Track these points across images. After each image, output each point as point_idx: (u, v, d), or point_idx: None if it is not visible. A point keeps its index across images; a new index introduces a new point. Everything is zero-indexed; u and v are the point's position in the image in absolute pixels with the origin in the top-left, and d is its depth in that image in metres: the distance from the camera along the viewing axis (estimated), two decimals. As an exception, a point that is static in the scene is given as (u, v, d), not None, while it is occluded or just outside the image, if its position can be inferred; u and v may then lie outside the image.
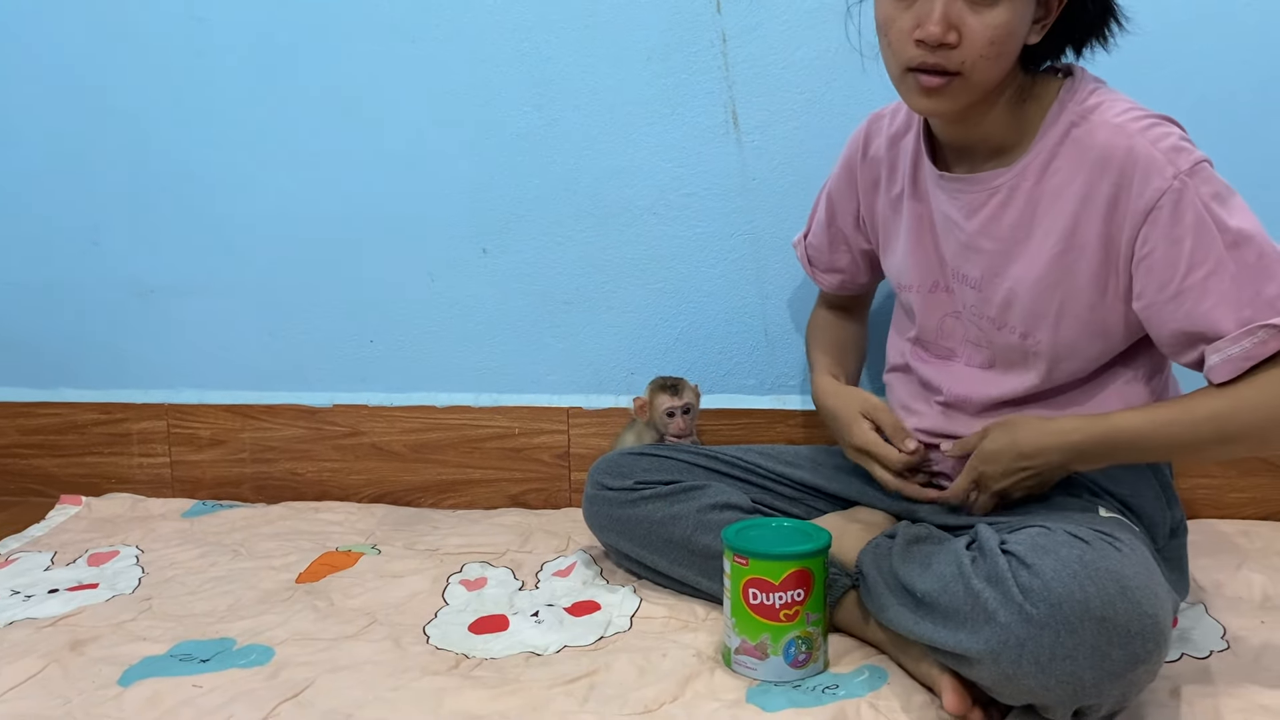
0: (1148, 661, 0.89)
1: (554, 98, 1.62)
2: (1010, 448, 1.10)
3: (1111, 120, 1.04)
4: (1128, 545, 0.97)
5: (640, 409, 1.52)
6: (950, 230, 1.17)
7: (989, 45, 1.01)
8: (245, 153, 1.70)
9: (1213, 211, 0.99)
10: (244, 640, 1.22)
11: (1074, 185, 1.05)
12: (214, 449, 1.79)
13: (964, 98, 1.05)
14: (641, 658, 1.14)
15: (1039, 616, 0.89)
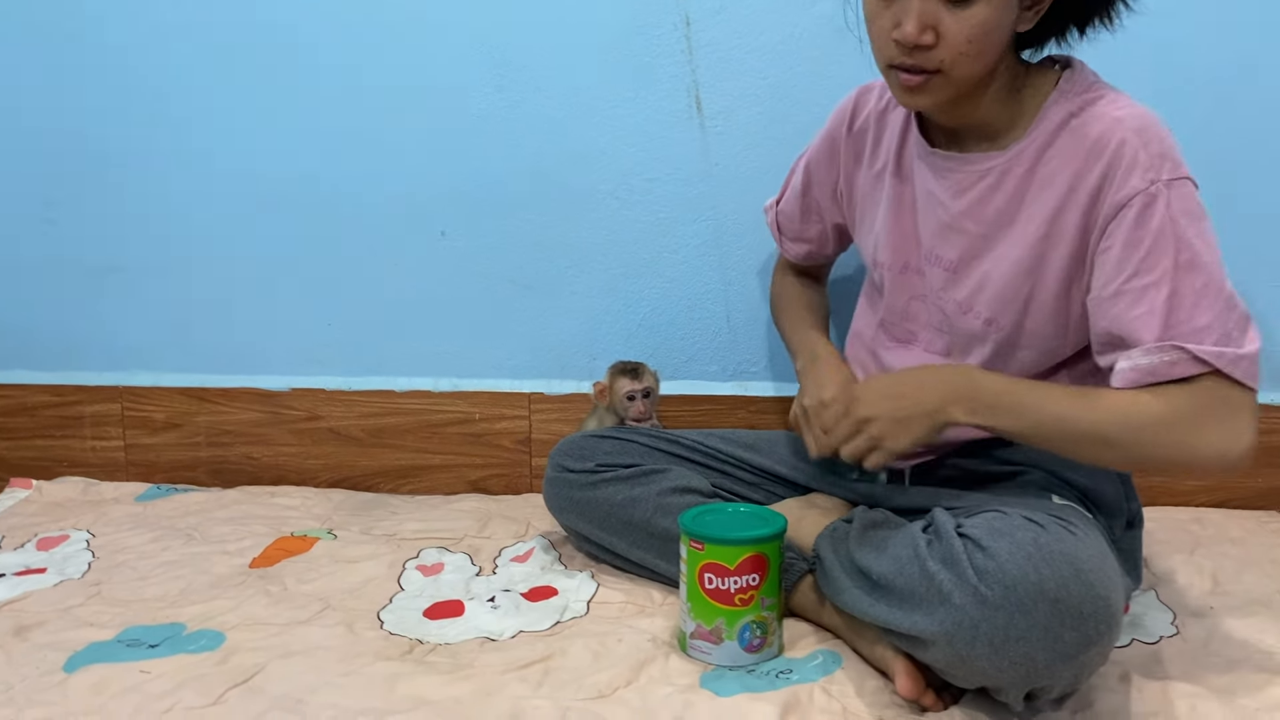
0: (1099, 643, 0.90)
1: (515, 80, 1.60)
2: (883, 385, 1.11)
3: (1112, 113, 1.04)
4: (1082, 530, 0.97)
5: (600, 393, 1.51)
6: (933, 209, 1.17)
7: (967, 44, 1.01)
8: (202, 133, 1.67)
9: (1178, 227, 0.99)
10: (194, 625, 1.20)
11: (1065, 173, 1.05)
12: (169, 432, 1.76)
13: (946, 93, 1.06)
14: (597, 642, 1.14)
15: (993, 598, 0.89)
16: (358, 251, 1.68)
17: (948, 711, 0.99)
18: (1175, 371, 0.98)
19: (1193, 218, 1.01)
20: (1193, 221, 1.00)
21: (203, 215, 1.70)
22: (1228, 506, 1.60)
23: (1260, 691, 1.03)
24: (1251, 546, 1.43)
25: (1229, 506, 1.60)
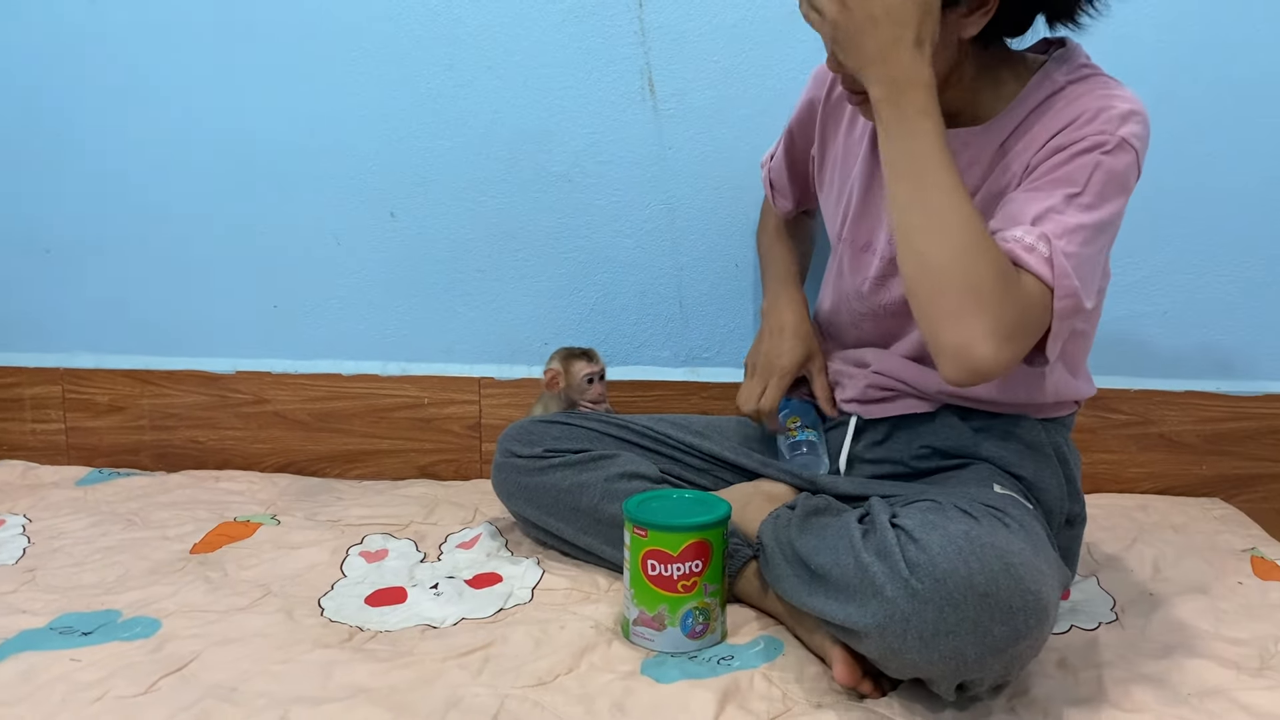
0: (1029, 637, 0.90)
1: (466, 58, 1.58)
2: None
3: (1096, 90, 1.05)
4: (1016, 521, 0.97)
5: (552, 380, 1.49)
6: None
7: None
8: (142, 109, 1.64)
9: (1094, 175, 1.01)
10: (130, 613, 1.18)
11: (1036, 140, 1.06)
12: (112, 415, 1.73)
13: None
14: (539, 630, 1.13)
15: (924, 592, 0.89)
16: (304, 233, 1.66)
17: (885, 699, 0.99)
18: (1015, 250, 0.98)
19: (1116, 185, 1.02)
20: (1112, 184, 1.01)
21: (145, 194, 1.67)
22: (1172, 493, 1.62)
23: (1194, 676, 1.04)
24: (1193, 534, 1.44)
25: (1173, 493, 1.62)
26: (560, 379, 1.49)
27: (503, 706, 0.97)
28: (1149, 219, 1.55)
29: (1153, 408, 1.61)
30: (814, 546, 1.02)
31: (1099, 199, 1.01)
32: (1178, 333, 1.60)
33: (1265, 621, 1.16)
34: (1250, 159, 1.54)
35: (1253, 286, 1.58)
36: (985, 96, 1.11)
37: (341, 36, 1.59)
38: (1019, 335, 0.96)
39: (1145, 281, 1.58)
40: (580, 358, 1.49)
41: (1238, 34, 1.50)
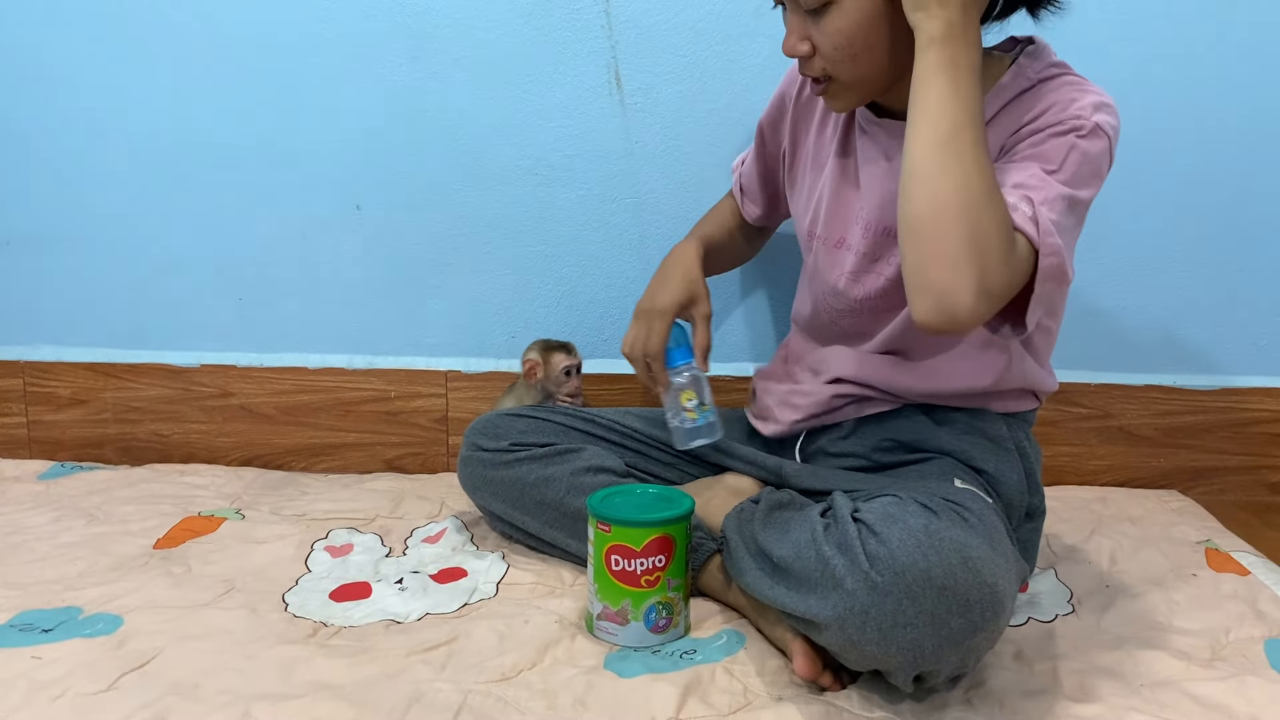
0: (985, 629, 0.91)
1: (432, 51, 1.57)
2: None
3: (1060, 89, 1.05)
4: (976, 516, 0.99)
5: (531, 371, 1.50)
6: (880, 178, 1.17)
7: (835, 50, 1.04)
8: (105, 98, 1.62)
9: (1070, 155, 1.01)
10: (91, 609, 1.17)
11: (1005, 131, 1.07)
12: (74, 409, 1.71)
13: (849, 95, 1.09)
14: (504, 624, 1.13)
15: (883, 584, 0.90)
16: (270, 225, 1.65)
17: (844, 692, 1.00)
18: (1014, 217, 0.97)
19: (1090, 168, 1.02)
20: (1087, 166, 1.02)
21: (108, 185, 1.65)
22: (1131, 485, 1.65)
23: (1148, 667, 1.06)
24: (1150, 525, 1.47)
25: (1132, 485, 1.65)
26: (539, 370, 1.49)
27: (465, 702, 0.98)
28: (1110, 215, 1.57)
29: (1112, 401, 1.63)
30: (777, 540, 1.03)
31: (1074, 179, 1.02)
32: (1137, 328, 1.62)
33: (1217, 613, 1.19)
34: (1209, 156, 1.56)
35: (1211, 283, 1.60)
36: None
37: (306, 29, 1.58)
38: (1001, 293, 0.95)
39: (1105, 277, 1.60)
40: (559, 350, 1.50)
41: (1197, 34, 1.52)
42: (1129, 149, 1.54)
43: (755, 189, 1.43)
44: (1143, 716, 0.96)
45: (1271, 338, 1.62)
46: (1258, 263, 1.59)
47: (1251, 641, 1.12)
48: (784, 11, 1.08)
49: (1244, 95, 1.54)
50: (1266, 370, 1.63)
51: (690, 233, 1.44)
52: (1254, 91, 1.54)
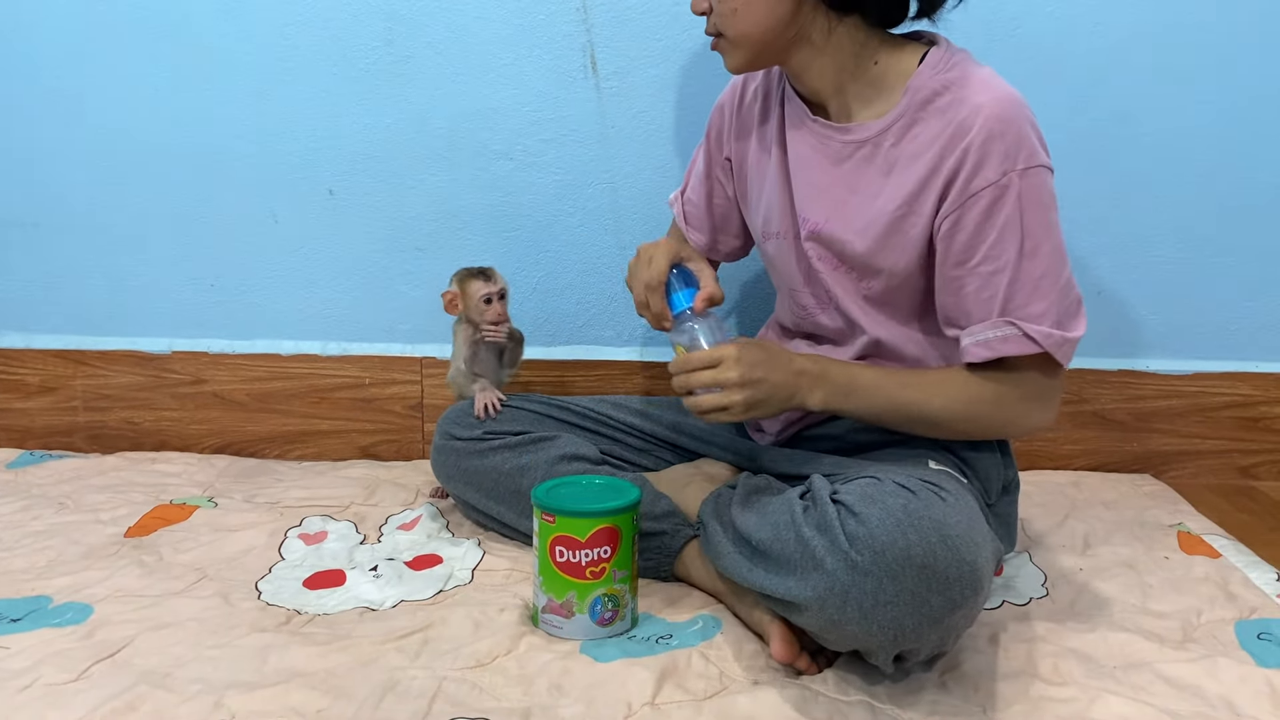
0: (964, 607, 0.92)
1: (405, 33, 1.56)
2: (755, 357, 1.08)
3: (975, 99, 1.05)
4: (953, 495, 0.99)
5: (451, 303, 1.40)
6: (807, 173, 1.18)
7: (720, 3, 1.11)
8: (73, 83, 1.60)
9: (1026, 218, 1.04)
10: (61, 598, 1.16)
11: (928, 154, 1.07)
12: (43, 396, 1.69)
13: (739, 54, 1.14)
14: (479, 611, 1.13)
15: (863, 564, 0.90)
16: (242, 209, 1.63)
17: (821, 675, 1.01)
18: (1008, 348, 1.06)
19: (1041, 207, 1.05)
20: (1040, 211, 1.05)
21: (77, 170, 1.63)
22: (1104, 470, 1.66)
23: (1119, 650, 1.07)
24: (1123, 509, 1.48)
25: (1106, 470, 1.66)
26: (458, 300, 1.40)
27: (440, 689, 0.97)
28: (1084, 201, 1.58)
29: (1086, 386, 1.64)
30: (755, 523, 1.03)
31: (1041, 230, 1.05)
32: (1111, 313, 1.63)
33: (1189, 595, 1.20)
34: (1183, 143, 1.57)
35: (1183, 268, 1.61)
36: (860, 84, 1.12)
37: (277, 12, 1.56)
38: (1049, 399, 1.11)
39: (1079, 263, 1.60)
40: (477, 277, 1.39)
41: (1171, 18, 1.53)
42: (1104, 134, 1.55)
43: (701, 212, 1.37)
44: (1115, 698, 0.97)
45: (1241, 322, 1.63)
46: (1228, 248, 1.60)
47: (1222, 623, 1.13)
48: None
49: (1217, 81, 1.55)
50: (1237, 354, 1.64)
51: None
52: (1228, 77, 1.55)
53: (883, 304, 1.17)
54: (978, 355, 1.08)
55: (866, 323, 1.18)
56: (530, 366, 1.61)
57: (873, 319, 1.17)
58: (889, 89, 1.11)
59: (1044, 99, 1.51)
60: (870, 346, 1.19)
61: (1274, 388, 1.64)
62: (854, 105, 1.14)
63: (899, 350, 1.17)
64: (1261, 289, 1.62)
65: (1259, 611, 1.15)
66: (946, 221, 1.07)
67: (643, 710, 0.95)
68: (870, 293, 1.16)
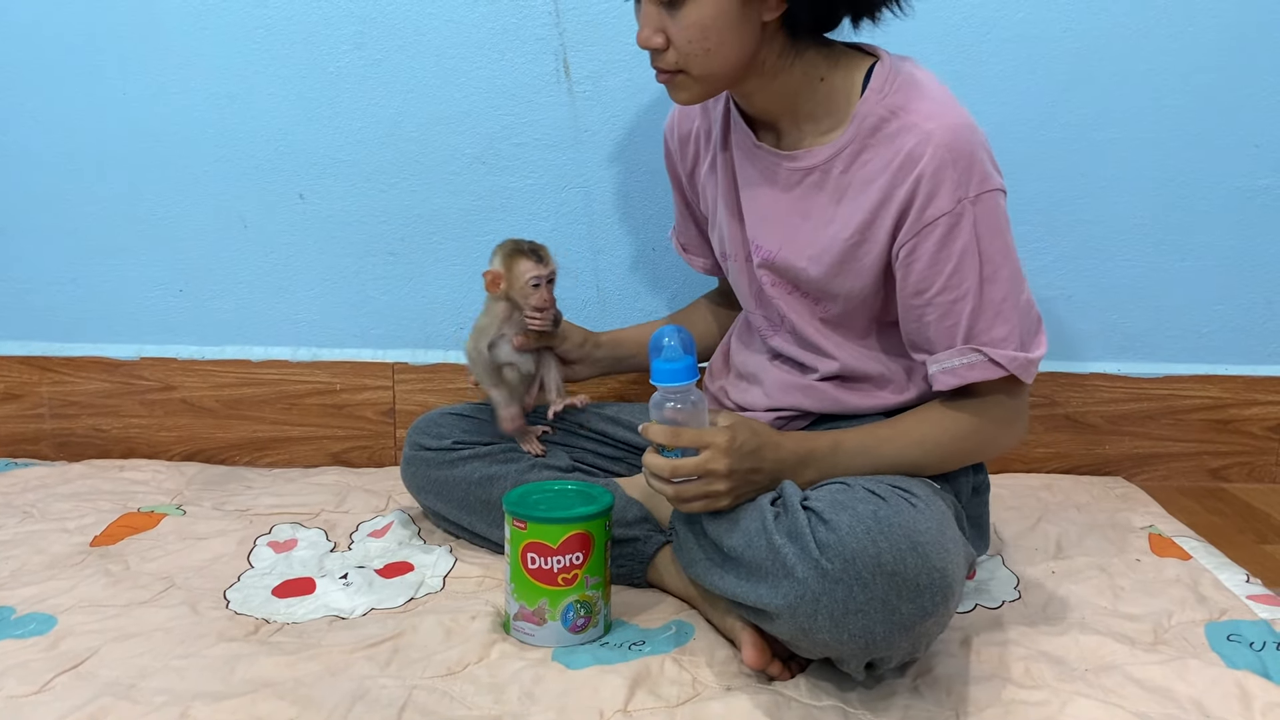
0: (935, 614, 0.92)
1: (376, 36, 1.55)
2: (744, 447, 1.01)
3: (923, 124, 1.03)
4: (923, 501, 0.99)
5: (494, 282, 1.25)
6: (756, 200, 1.17)
7: (689, 44, 1.04)
8: (39, 84, 1.57)
9: (982, 244, 1.04)
10: (24, 609, 1.14)
11: (878, 182, 1.06)
12: (8, 404, 1.67)
13: (697, 89, 1.08)
14: (450, 619, 1.12)
15: (834, 571, 0.90)
16: (211, 215, 1.61)
17: (794, 681, 1.00)
18: (975, 375, 1.07)
19: (996, 232, 1.05)
20: (996, 235, 1.05)
21: (43, 173, 1.61)
22: (1076, 473, 1.67)
23: (1090, 653, 1.07)
24: (1095, 512, 1.48)
25: (1077, 473, 1.67)
26: (501, 280, 1.25)
27: (410, 698, 0.96)
28: (1054, 206, 1.58)
29: (1058, 389, 1.65)
30: (727, 529, 1.02)
31: (999, 255, 1.05)
32: (1082, 316, 1.64)
33: (1160, 597, 1.20)
34: (1150, 147, 1.58)
35: (1153, 272, 1.62)
36: (812, 102, 1.10)
37: (247, 13, 1.54)
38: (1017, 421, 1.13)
39: (1050, 267, 1.61)
40: (528, 255, 1.24)
41: (1138, 24, 1.54)
42: (1071, 140, 1.56)
43: (695, 239, 1.38)
44: (1087, 700, 0.97)
45: (1211, 325, 1.64)
46: (1197, 252, 1.62)
47: (1193, 625, 1.13)
48: (636, 4, 1.08)
49: (1185, 85, 1.56)
50: (1207, 358, 1.66)
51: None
52: (1194, 81, 1.56)
53: (840, 325, 1.16)
54: (946, 383, 1.08)
55: (827, 345, 1.17)
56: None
57: (832, 341, 1.17)
58: (837, 107, 1.09)
59: (1014, 104, 1.55)
60: (834, 371, 1.17)
61: (1243, 390, 1.65)
62: (804, 125, 1.12)
63: (863, 371, 1.16)
64: (1230, 292, 1.63)
65: (1229, 613, 1.16)
66: (903, 250, 1.06)
67: (615, 717, 0.94)
68: (827, 315, 1.16)
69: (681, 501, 1.02)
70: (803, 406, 1.20)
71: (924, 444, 1.10)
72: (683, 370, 1.01)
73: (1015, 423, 1.13)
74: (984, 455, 1.16)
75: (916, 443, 1.10)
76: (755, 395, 1.24)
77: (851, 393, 1.18)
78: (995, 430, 1.12)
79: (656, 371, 1.02)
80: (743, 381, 1.27)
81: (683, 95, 1.10)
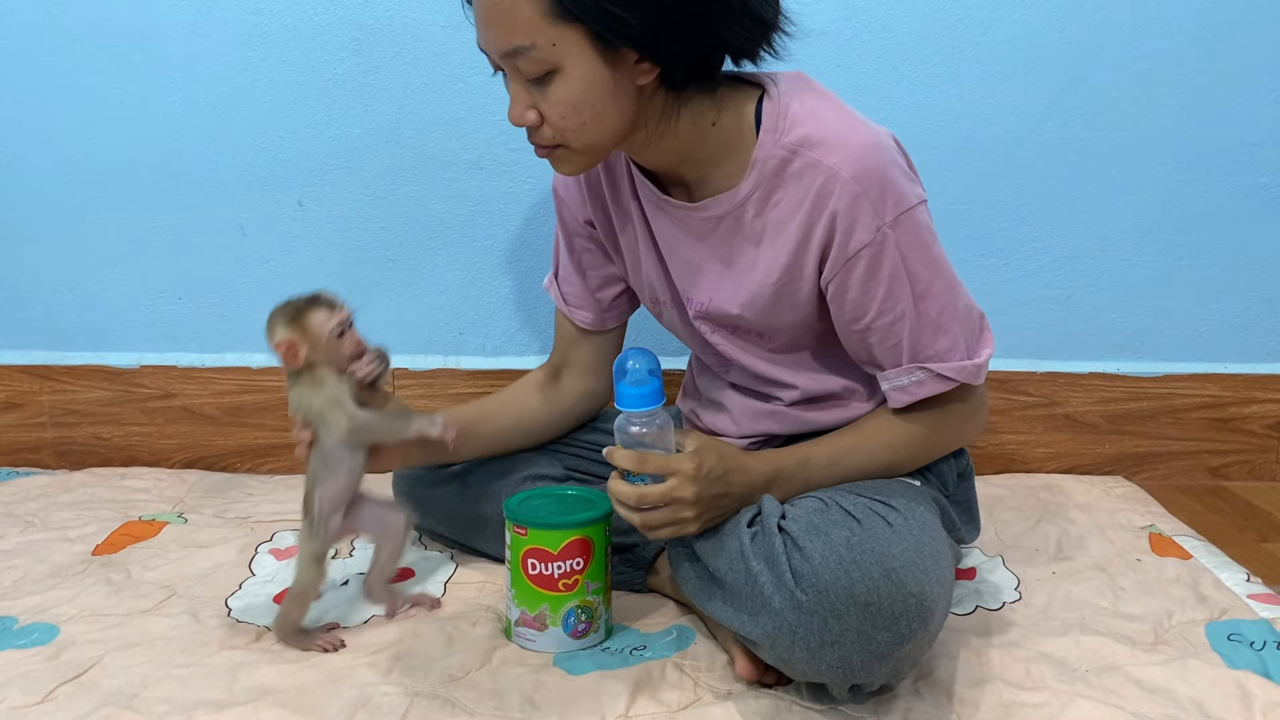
0: (913, 639, 0.91)
1: (373, 43, 1.55)
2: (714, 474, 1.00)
3: (824, 161, 0.99)
4: (903, 515, 0.98)
5: (290, 351, 1.05)
6: (676, 251, 1.13)
7: (563, 119, 0.98)
8: (39, 96, 1.58)
9: (909, 263, 1.01)
10: (27, 619, 1.14)
11: (793, 224, 1.03)
12: (10, 413, 1.67)
13: (580, 160, 1.03)
14: (451, 625, 1.12)
15: (808, 604, 0.90)
16: (210, 222, 1.62)
17: (793, 685, 1.00)
18: (925, 390, 1.06)
19: (921, 248, 1.01)
20: (922, 252, 1.02)
21: (43, 182, 1.61)
22: (1077, 473, 1.67)
23: (1091, 653, 1.07)
24: (1096, 512, 1.48)
25: (1078, 473, 1.67)
26: (299, 346, 1.06)
27: (412, 705, 0.97)
28: (1051, 206, 1.59)
29: (1057, 389, 1.65)
30: (712, 549, 1.01)
31: (927, 270, 1.02)
32: (1081, 316, 1.64)
33: (1160, 597, 1.20)
34: (1147, 146, 1.58)
35: (1152, 271, 1.62)
36: (709, 147, 1.05)
37: (243, 21, 1.55)
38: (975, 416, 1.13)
39: (1050, 267, 1.62)
40: (316, 307, 1.08)
41: (1136, 23, 1.54)
42: (1070, 141, 1.57)
43: (579, 290, 1.27)
44: (1087, 702, 0.97)
45: (1210, 324, 1.65)
46: (1195, 250, 1.62)
47: (1193, 625, 1.13)
48: (505, 79, 1.01)
49: (1182, 83, 1.56)
50: (1206, 356, 1.66)
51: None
52: (1191, 80, 1.56)
53: (790, 352, 1.14)
54: (900, 401, 1.07)
55: (783, 375, 1.14)
56: (504, 378, 1.60)
57: (786, 370, 1.14)
58: (736, 149, 1.04)
59: (1011, 104, 1.55)
60: (797, 397, 1.15)
61: (1243, 388, 1.66)
62: (706, 170, 1.06)
63: (826, 390, 1.14)
64: (1228, 291, 1.64)
65: (1229, 613, 1.16)
66: (831, 285, 1.03)
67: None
68: (775, 347, 1.14)
69: (649, 529, 1.01)
70: (772, 431, 1.18)
71: (892, 446, 1.09)
72: (649, 395, 0.99)
73: (978, 413, 1.12)
74: (952, 447, 1.15)
75: (885, 445, 1.09)
76: (724, 422, 1.22)
77: (820, 412, 1.16)
78: (959, 423, 1.11)
79: (621, 396, 1.00)
80: (711, 407, 1.25)
81: (566, 168, 1.05)
